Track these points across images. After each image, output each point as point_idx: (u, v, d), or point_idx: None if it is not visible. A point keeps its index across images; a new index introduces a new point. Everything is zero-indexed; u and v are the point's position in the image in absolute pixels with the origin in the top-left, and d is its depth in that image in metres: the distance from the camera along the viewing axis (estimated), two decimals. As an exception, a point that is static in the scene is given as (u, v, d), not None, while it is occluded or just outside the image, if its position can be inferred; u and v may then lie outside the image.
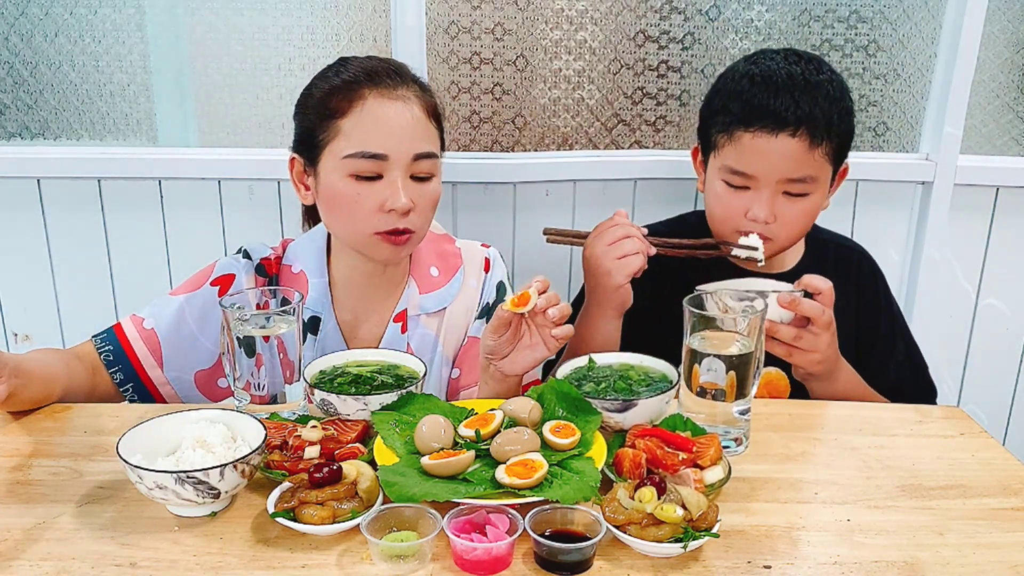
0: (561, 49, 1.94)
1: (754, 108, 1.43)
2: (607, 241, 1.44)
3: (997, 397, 2.21)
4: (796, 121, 1.41)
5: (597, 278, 1.45)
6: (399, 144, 1.31)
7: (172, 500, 0.99)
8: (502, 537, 0.92)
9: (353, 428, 1.14)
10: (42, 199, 1.96)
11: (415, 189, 1.34)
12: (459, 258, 1.52)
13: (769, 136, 1.42)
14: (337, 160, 1.32)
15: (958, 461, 1.19)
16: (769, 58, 1.48)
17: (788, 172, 1.43)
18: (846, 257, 1.65)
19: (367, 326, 1.47)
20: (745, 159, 1.44)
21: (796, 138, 1.41)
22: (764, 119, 1.42)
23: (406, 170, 1.32)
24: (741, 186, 1.46)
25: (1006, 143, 2.09)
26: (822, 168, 1.45)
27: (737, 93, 1.46)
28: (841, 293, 1.40)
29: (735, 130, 1.45)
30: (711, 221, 1.55)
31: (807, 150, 1.42)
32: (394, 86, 1.33)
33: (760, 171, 1.44)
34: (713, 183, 1.51)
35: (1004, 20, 1.99)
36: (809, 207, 1.47)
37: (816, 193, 1.47)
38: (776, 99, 1.42)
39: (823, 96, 1.43)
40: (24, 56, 1.90)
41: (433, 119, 1.37)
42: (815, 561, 0.96)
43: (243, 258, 1.46)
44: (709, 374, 1.15)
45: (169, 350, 1.41)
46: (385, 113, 1.31)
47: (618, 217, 1.48)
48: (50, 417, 1.27)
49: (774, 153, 1.42)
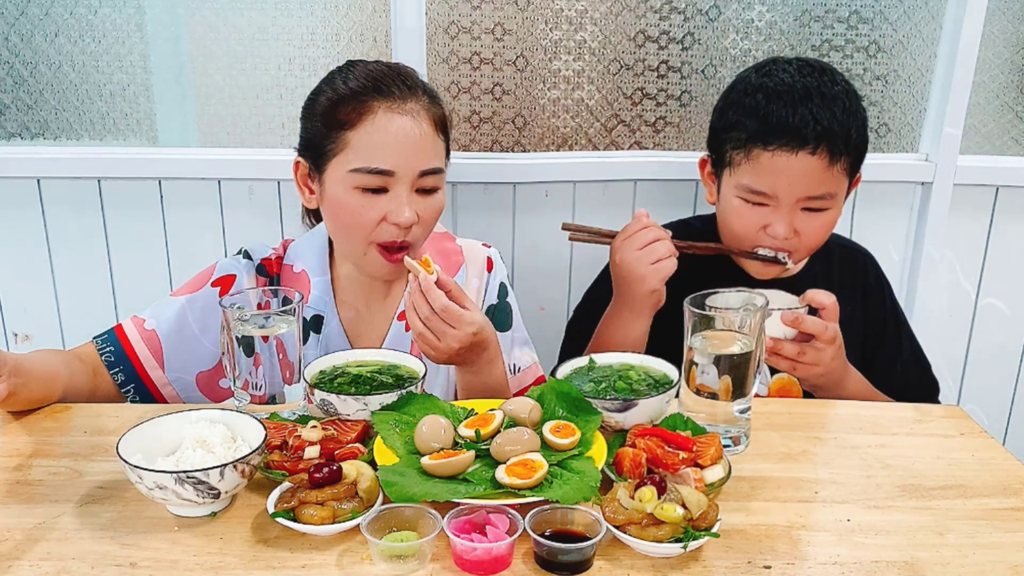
0: (561, 49, 1.94)
1: (772, 126, 1.39)
2: (637, 246, 1.41)
3: (997, 397, 2.21)
4: (816, 138, 1.37)
5: (630, 285, 1.42)
6: (406, 160, 1.31)
7: (172, 500, 0.99)
8: (502, 537, 0.92)
9: (353, 428, 1.14)
10: (42, 199, 1.96)
11: (420, 203, 1.34)
12: (461, 256, 1.52)
13: (789, 155, 1.38)
14: (343, 172, 1.32)
15: (958, 461, 1.19)
16: (782, 69, 1.44)
17: (808, 191, 1.40)
18: (851, 260, 1.65)
19: (370, 324, 1.47)
20: (763, 178, 1.41)
21: (816, 156, 1.38)
22: (783, 136, 1.38)
23: (412, 185, 1.33)
24: (759, 203, 1.44)
25: (1006, 143, 2.09)
26: (840, 183, 1.43)
27: (752, 108, 1.42)
28: (847, 297, 1.39)
29: (752, 148, 1.41)
30: (727, 234, 1.52)
31: (827, 167, 1.39)
32: (403, 99, 1.32)
33: (779, 190, 1.41)
34: (729, 198, 1.48)
35: (1004, 20, 1.99)
36: (828, 221, 1.46)
37: (835, 208, 1.45)
38: (795, 115, 1.38)
39: (840, 109, 1.39)
40: (24, 56, 1.90)
41: (441, 132, 1.37)
42: (815, 561, 0.96)
43: (244, 259, 1.46)
44: (706, 377, 1.15)
45: (170, 351, 1.41)
46: (394, 129, 1.31)
47: (643, 218, 1.45)
48: (50, 417, 1.27)
49: (794, 172, 1.39)
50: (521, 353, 1.51)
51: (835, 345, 1.36)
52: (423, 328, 1.24)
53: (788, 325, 1.34)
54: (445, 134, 1.38)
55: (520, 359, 1.51)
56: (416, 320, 1.25)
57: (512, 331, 1.52)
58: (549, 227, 2.02)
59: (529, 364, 1.50)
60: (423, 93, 1.36)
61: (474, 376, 1.33)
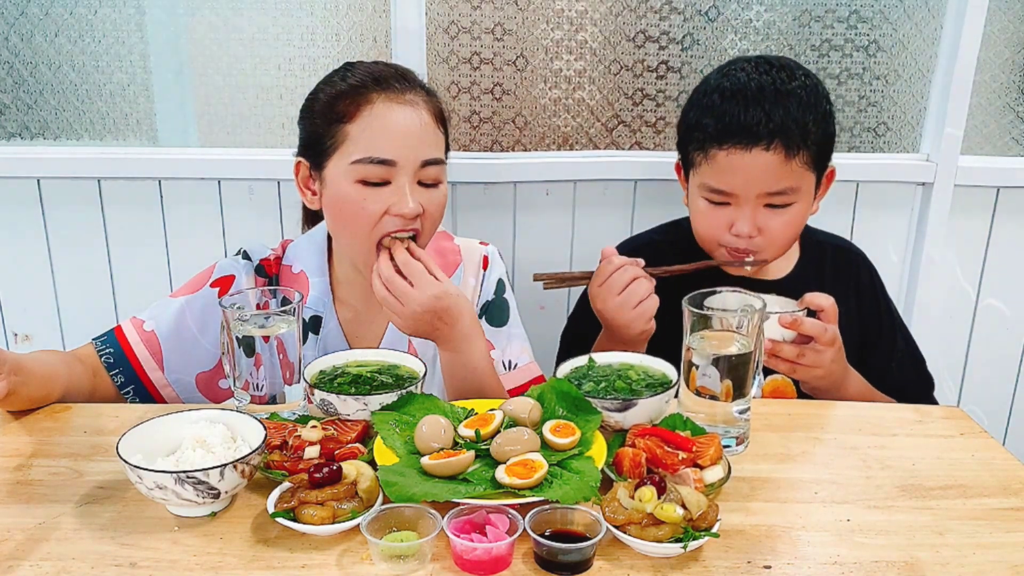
0: (562, 49, 1.94)
1: (726, 125, 1.41)
2: (616, 291, 1.38)
3: (997, 397, 2.21)
4: (769, 134, 1.39)
5: (618, 330, 1.40)
6: (408, 150, 1.31)
7: (172, 500, 0.99)
8: (502, 537, 0.92)
9: (353, 428, 1.14)
10: (42, 199, 1.96)
11: (423, 195, 1.34)
12: (458, 255, 1.52)
13: (743, 152, 1.40)
14: (345, 165, 1.31)
15: (958, 461, 1.19)
16: (740, 68, 1.46)
17: (766, 186, 1.42)
18: (844, 260, 1.65)
19: (369, 325, 1.47)
20: (721, 177, 1.43)
21: (771, 151, 1.39)
22: (736, 135, 1.40)
23: (414, 176, 1.32)
24: (722, 202, 1.46)
25: (1006, 143, 2.09)
26: (802, 177, 1.43)
27: (709, 108, 1.45)
28: (841, 297, 1.39)
29: (709, 148, 1.44)
30: (696, 234, 1.55)
31: (783, 162, 1.40)
32: (402, 90, 1.33)
33: (738, 188, 1.43)
34: (695, 200, 1.51)
35: (1005, 20, 1.98)
36: (792, 217, 1.46)
37: (800, 203, 1.45)
38: (747, 113, 1.39)
39: (796, 105, 1.40)
40: (24, 56, 1.90)
41: (440, 124, 1.37)
42: (815, 561, 0.96)
43: (243, 259, 1.46)
44: (706, 378, 1.15)
45: (170, 352, 1.41)
46: (394, 118, 1.31)
47: (613, 258, 1.41)
48: (50, 417, 1.27)
49: (750, 168, 1.41)
50: (519, 350, 1.50)
51: (834, 347, 1.36)
52: (385, 293, 1.27)
53: (787, 328, 1.34)
54: (444, 127, 1.39)
55: (517, 356, 1.50)
56: (379, 284, 1.27)
57: (508, 327, 1.51)
58: (550, 226, 2.02)
59: (527, 362, 1.49)
60: (420, 88, 1.37)
61: (454, 354, 1.31)
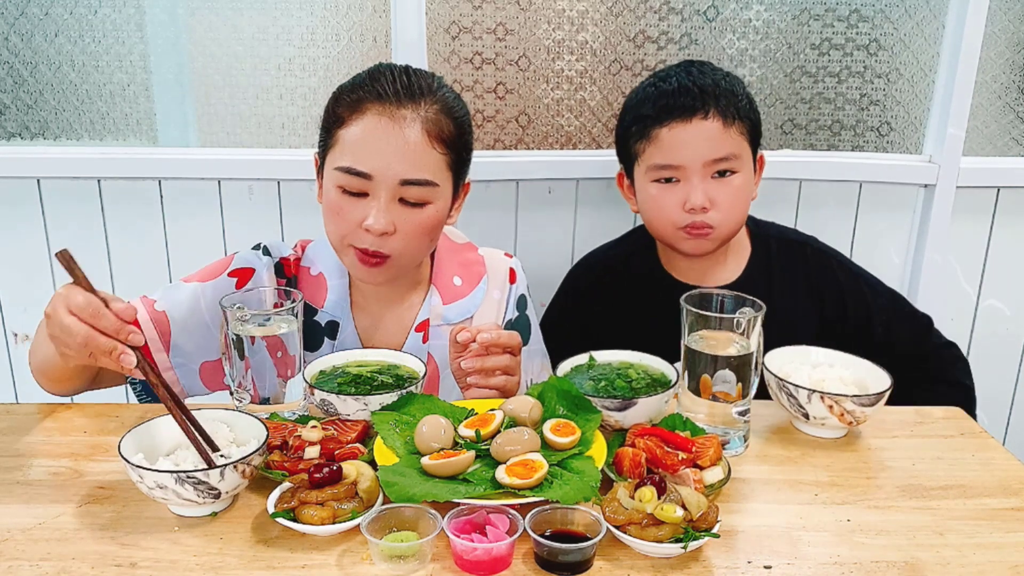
0: (564, 49, 1.94)
1: (662, 105, 1.51)
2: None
3: (997, 397, 2.21)
4: (704, 104, 1.49)
5: None
6: (386, 166, 1.26)
7: (173, 500, 0.99)
8: (502, 537, 0.92)
9: (353, 428, 1.14)
10: (42, 199, 1.96)
11: (400, 213, 1.29)
12: (482, 267, 1.49)
13: (684, 124, 1.49)
14: (331, 169, 1.30)
15: (958, 461, 1.19)
16: (664, 70, 1.58)
17: (711, 153, 1.49)
18: (788, 250, 1.67)
19: (386, 333, 1.44)
20: (668, 152, 1.51)
21: (709, 119, 1.49)
22: (674, 111, 1.50)
23: (393, 193, 1.28)
24: (671, 179, 1.52)
25: (1007, 143, 2.08)
26: (741, 146, 1.52)
27: (643, 101, 1.55)
28: (789, 287, 1.43)
29: (651, 130, 1.52)
30: (652, 228, 1.60)
31: (723, 128, 1.49)
32: (399, 104, 1.27)
33: (685, 159, 1.50)
34: (645, 190, 1.56)
35: (1005, 20, 1.98)
36: (740, 185, 1.53)
37: (742, 172, 1.53)
38: (680, 92, 1.51)
39: (721, 78, 1.53)
40: (24, 56, 1.90)
41: (439, 144, 1.29)
42: (815, 561, 0.96)
43: (263, 255, 1.43)
44: (719, 384, 1.15)
45: (178, 334, 1.36)
46: (379, 133, 1.27)
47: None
48: (50, 417, 1.27)
49: (693, 138, 1.49)
50: (539, 368, 1.49)
51: None
52: (499, 378, 1.25)
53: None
54: (449, 148, 1.31)
55: (537, 374, 1.48)
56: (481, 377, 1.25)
57: (530, 344, 1.49)
58: (551, 224, 2.02)
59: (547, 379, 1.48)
60: (432, 104, 1.29)
61: None
